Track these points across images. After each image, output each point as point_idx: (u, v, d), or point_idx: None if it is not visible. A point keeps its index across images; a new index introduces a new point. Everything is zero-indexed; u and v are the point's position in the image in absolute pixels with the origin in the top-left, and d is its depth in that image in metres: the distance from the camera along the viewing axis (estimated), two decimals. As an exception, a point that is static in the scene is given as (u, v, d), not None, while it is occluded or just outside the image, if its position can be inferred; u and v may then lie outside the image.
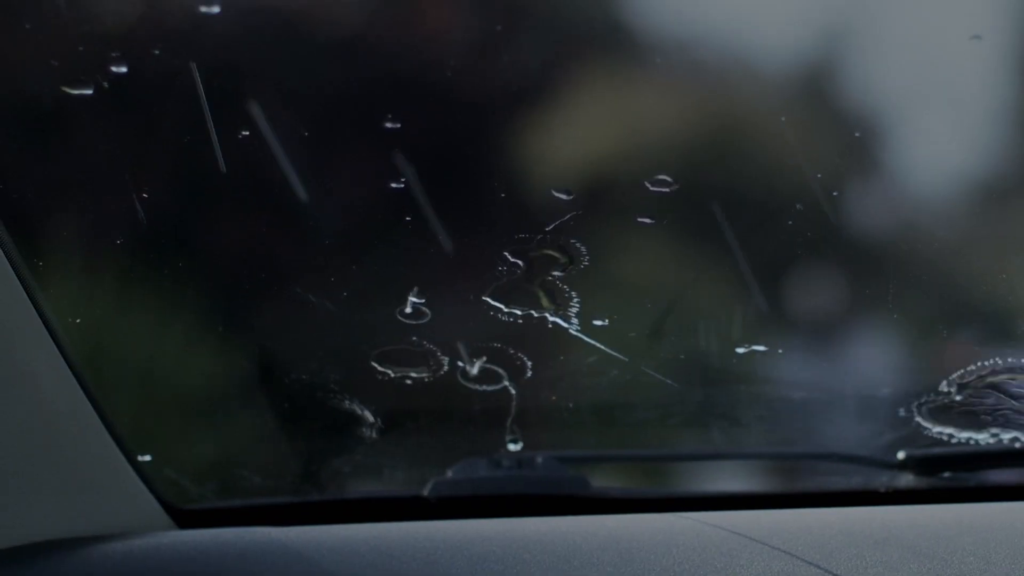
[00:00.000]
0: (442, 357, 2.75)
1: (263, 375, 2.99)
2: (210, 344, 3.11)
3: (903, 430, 2.19)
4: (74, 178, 2.58)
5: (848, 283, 2.79)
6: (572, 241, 2.59)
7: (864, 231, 2.74)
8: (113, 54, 2.36)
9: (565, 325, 2.66)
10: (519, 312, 2.80)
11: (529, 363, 2.65)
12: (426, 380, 2.74)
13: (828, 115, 2.79)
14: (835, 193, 2.49)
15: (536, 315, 2.71)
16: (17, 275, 1.51)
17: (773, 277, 2.74)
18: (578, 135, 2.79)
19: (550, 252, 2.64)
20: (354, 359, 2.90)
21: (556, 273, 2.78)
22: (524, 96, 2.76)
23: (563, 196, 2.48)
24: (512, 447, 2.30)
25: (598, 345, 2.61)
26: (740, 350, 2.80)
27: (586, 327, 2.62)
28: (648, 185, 2.38)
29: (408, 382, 2.73)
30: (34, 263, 2.13)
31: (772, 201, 2.65)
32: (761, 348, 2.72)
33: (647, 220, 2.53)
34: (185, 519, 1.74)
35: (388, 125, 2.48)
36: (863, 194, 2.68)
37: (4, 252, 1.48)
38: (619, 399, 2.69)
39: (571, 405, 2.67)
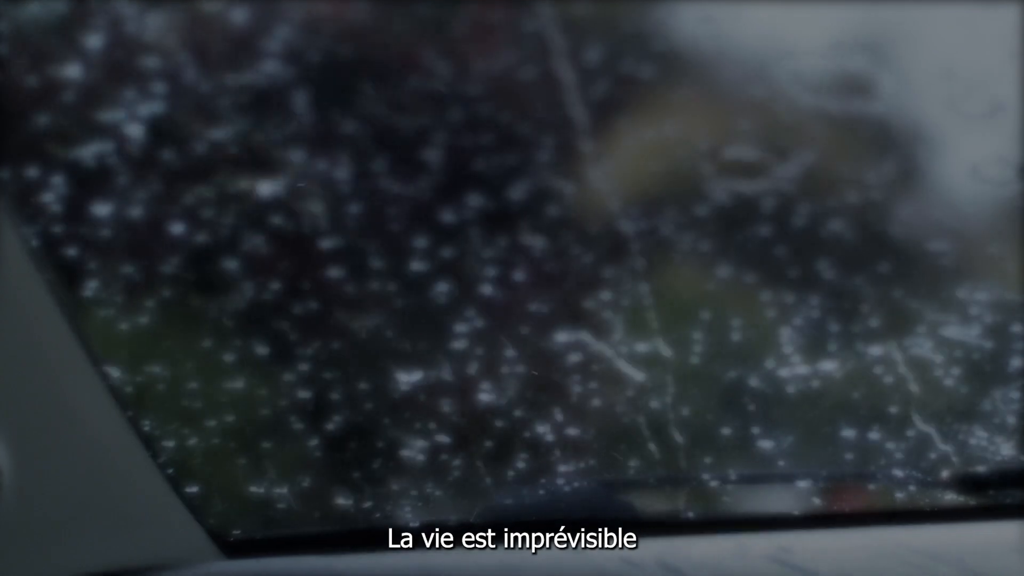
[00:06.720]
0: (485, 384, 2.75)
1: (308, 405, 3.00)
2: (255, 375, 3.12)
3: (948, 448, 2.18)
4: (118, 214, 2.60)
5: (892, 300, 2.79)
6: (618, 265, 2.58)
7: (916, 246, 2.73)
8: (152, 88, 2.38)
9: (609, 350, 2.66)
10: (563, 338, 2.80)
11: (575, 388, 2.65)
12: (470, 407, 2.74)
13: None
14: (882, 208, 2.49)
15: (580, 340, 2.71)
16: (63, 312, 1.53)
17: (817, 297, 2.74)
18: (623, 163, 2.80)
19: (593, 277, 2.64)
20: (398, 388, 2.91)
21: (601, 298, 2.78)
22: (572, 133, 2.78)
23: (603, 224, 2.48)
24: (557, 472, 2.29)
25: (641, 370, 2.61)
26: (784, 372, 2.79)
27: (630, 352, 2.62)
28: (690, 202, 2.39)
29: (452, 410, 2.74)
30: (79, 299, 2.15)
31: (825, 222, 2.65)
32: (805, 369, 2.71)
33: (689, 242, 2.53)
34: (232, 549, 1.74)
35: (436, 157, 2.50)
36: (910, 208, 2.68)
37: (50, 289, 1.50)
38: (664, 423, 2.68)
39: (615, 430, 2.67)
